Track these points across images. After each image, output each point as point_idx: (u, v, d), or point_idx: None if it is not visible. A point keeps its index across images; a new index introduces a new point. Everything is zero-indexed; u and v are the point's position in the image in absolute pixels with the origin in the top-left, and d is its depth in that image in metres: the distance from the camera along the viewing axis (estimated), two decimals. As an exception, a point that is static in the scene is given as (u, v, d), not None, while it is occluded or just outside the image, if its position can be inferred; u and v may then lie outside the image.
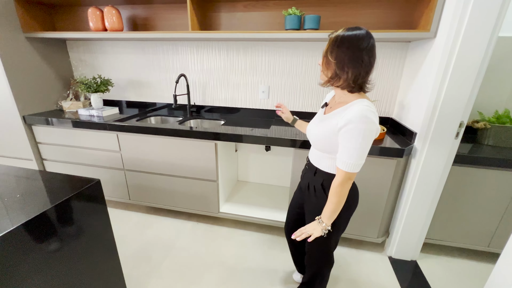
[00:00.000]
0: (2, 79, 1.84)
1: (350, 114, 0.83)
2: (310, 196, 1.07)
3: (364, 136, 0.82)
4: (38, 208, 0.80)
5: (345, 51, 0.82)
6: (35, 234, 0.77)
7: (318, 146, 1.00)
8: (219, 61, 2.00)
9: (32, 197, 0.86)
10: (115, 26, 1.79)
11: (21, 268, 0.74)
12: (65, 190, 0.91)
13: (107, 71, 2.25)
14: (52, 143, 2.02)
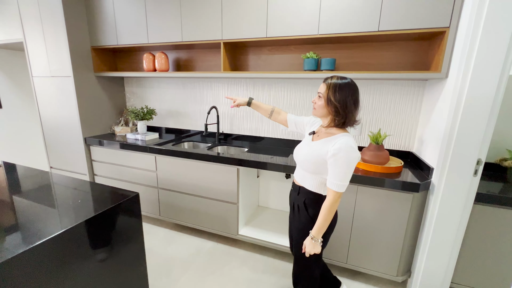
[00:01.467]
0: (74, 107, 2.31)
1: (340, 145, 1.01)
2: (295, 215, 1.24)
3: (349, 162, 1.01)
4: (95, 209, 1.01)
5: (346, 96, 1.03)
6: (90, 232, 0.98)
7: (305, 167, 1.15)
8: (246, 96, 2.25)
9: (89, 202, 1.10)
10: (163, 67, 2.18)
11: (70, 266, 0.93)
12: (113, 199, 1.13)
13: (152, 102, 2.66)
14: (103, 161, 2.39)
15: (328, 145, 1.06)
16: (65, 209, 1.05)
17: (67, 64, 2.22)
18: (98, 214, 1.01)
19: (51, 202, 1.11)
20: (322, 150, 1.07)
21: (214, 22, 1.86)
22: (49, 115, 2.49)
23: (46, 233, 0.86)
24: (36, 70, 2.40)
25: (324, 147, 1.07)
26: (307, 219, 1.17)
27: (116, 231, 1.11)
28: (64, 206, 1.07)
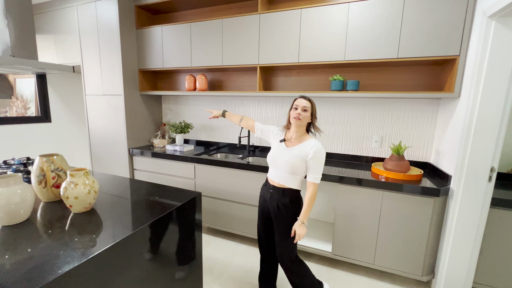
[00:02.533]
0: (122, 122, 2.62)
1: (317, 147, 1.32)
2: (281, 213, 1.42)
3: (323, 160, 1.35)
4: (169, 205, 1.25)
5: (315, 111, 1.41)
6: (162, 226, 1.20)
7: (288, 170, 1.38)
8: (275, 112, 2.52)
9: (162, 199, 1.33)
10: (203, 87, 2.49)
11: (138, 257, 1.15)
12: (181, 197, 1.36)
13: (187, 117, 2.95)
14: (144, 170, 2.65)
15: (306, 148, 1.33)
16: (148, 205, 1.28)
17: (119, 84, 2.55)
18: (175, 208, 1.24)
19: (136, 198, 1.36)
20: (302, 153, 1.34)
21: (252, 50, 2.17)
22: (97, 128, 2.81)
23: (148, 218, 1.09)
24: (90, 89, 2.75)
25: (304, 151, 1.33)
26: (292, 213, 1.40)
27: (183, 227, 1.33)
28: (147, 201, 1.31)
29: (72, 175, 1.10)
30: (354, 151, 2.30)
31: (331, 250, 1.97)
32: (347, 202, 1.86)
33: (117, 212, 1.18)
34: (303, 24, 1.97)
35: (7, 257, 0.83)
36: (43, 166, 1.20)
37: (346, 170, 1.99)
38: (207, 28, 2.31)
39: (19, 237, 0.95)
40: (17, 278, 0.73)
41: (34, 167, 1.20)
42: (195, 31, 2.37)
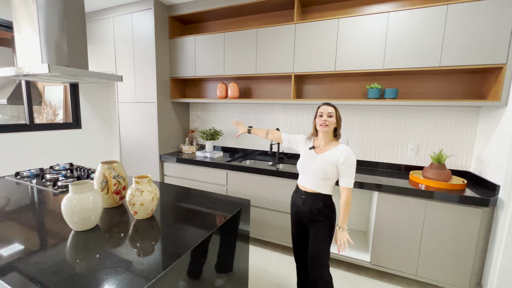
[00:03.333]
0: (154, 128, 2.68)
1: (346, 152, 1.35)
2: (315, 217, 1.43)
3: (355, 164, 1.36)
4: (229, 212, 1.26)
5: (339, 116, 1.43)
6: (222, 232, 1.22)
7: (319, 176, 1.40)
8: (304, 119, 2.53)
9: (219, 206, 1.35)
10: (235, 95, 2.53)
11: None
12: (234, 206, 1.37)
13: (215, 124, 2.99)
14: (174, 175, 2.69)
15: (337, 153, 1.36)
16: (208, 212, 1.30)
17: (152, 92, 2.62)
18: (232, 215, 1.25)
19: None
20: (333, 159, 1.36)
21: (287, 58, 2.20)
22: (128, 134, 2.88)
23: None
24: (122, 96, 2.83)
25: (334, 156, 1.36)
26: (326, 217, 1.42)
27: (232, 235, 1.34)
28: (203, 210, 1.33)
29: (137, 182, 1.13)
30: (387, 159, 2.28)
31: (370, 260, 1.94)
32: (387, 211, 1.84)
33: (175, 219, 1.20)
34: (341, 33, 1.99)
35: (78, 261, 0.86)
36: (105, 173, 1.23)
37: (382, 179, 1.97)
38: (240, 37, 2.36)
39: (89, 242, 0.97)
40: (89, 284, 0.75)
41: (97, 174, 1.24)
42: (228, 40, 2.42)
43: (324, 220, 1.42)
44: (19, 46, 1.58)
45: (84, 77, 1.56)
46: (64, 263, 0.84)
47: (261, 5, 2.33)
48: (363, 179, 1.94)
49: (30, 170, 1.82)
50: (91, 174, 1.79)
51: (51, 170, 1.78)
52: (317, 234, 1.44)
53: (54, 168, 1.96)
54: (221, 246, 1.18)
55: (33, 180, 1.71)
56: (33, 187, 1.57)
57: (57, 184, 1.55)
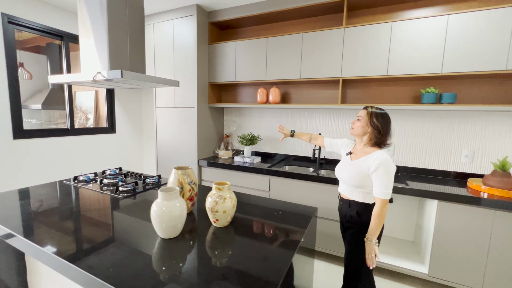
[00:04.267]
0: (193, 133, 2.68)
1: (379, 159, 1.24)
2: (349, 224, 1.41)
3: (390, 173, 1.23)
4: (299, 225, 1.22)
5: (385, 122, 1.31)
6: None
7: (351, 183, 1.35)
8: (348, 125, 2.48)
9: (287, 214, 1.31)
10: (276, 99, 2.51)
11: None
12: (304, 215, 1.33)
13: (250, 129, 2.97)
14: (212, 180, 2.67)
15: (368, 161, 1.28)
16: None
17: (193, 97, 2.63)
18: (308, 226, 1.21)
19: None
20: (363, 166, 1.29)
21: (334, 62, 2.17)
22: (165, 139, 2.89)
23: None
24: (161, 101, 2.86)
25: (365, 164, 1.29)
26: (358, 225, 1.35)
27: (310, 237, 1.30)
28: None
29: (219, 189, 1.11)
30: (438, 165, 2.19)
31: (428, 272, 1.85)
32: (449, 221, 1.75)
33: (248, 228, 1.17)
34: (394, 37, 1.95)
35: (164, 268, 0.84)
36: (181, 179, 1.22)
37: (438, 187, 1.89)
38: (284, 42, 2.35)
39: (174, 250, 0.95)
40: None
41: (172, 180, 1.23)
42: (271, 45, 2.42)
43: (357, 228, 1.37)
44: (84, 52, 1.61)
45: (142, 82, 1.57)
46: (151, 271, 0.82)
47: (303, 10, 2.32)
48: (415, 186, 1.86)
49: (85, 174, 1.83)
50: (146, 179, 1.79)
51: (107, 176, 1.79)
52: (350, 241, 1.41)
53: (106, 172, 1.97)
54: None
55: (89, 184, 1.72)
56: (97, 192, 1.57)
57: (118, 189, 1.55)
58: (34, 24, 2.49)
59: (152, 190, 1.66)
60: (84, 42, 1.59)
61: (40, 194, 1.53)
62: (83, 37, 1.59)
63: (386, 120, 1.32)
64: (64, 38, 2.77)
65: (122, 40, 1.58)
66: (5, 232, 1.09)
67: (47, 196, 1.50)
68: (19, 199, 1.44)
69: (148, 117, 3.73)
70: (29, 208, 1.32)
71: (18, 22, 2.38)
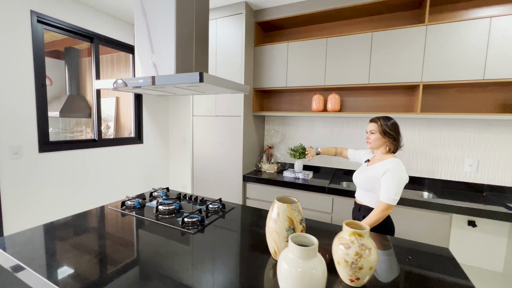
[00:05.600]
0: (238, 145, 2.38)
1: (389, 164, 1.31)
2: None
3: (398, 180, 1.28)
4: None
5: (395, 128, 1.39)
6: None
7: (363, 187, 1.43)
8: (417, 135, 2.17)
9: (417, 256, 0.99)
10: (335, 107, 2.21)
11: None
12: (444, 253, 1.02)
13: (296, 140, 2.67)
14: (257, 199, 2.36)
15: (380, 167, 1.35)
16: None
17: (239, 104, 2.34)
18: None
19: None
20: (375, 171, 1.37)
21: (413, 65, 1.88)
22: (203, 151, 2.59)
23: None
24: (199, 109, 2.57)
25: (376, 169, 1.36)
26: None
27: None
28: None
29: (360, 235, 0.80)
30: (535, 184, 1.87)
31: (548, 318, 1.51)
32: None
33: (395, 286, 0.85)
34: (493, 35, 1.66)
35: None
36: (291, 216, 0.91)
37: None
38: (349, 43, 2.07)
39: None
40: None
41: (275, 216, 0.92)
42: (332, 46, 2.14)
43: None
44: (142, 53, 1.33)
45: (212, 88, 1.28)
46: None
47: (368, 8, 2.05)
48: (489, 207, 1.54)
49: (133, 198, 1.53)
50: (209, 205, 1.48)
51: (162, 201, 1.48)
52: None
53: (153, 195, 1.67)
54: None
55: (141, 211, 1.42)
56: (156, 224, 1.26)
57: (184, 221, 1.25)
58: (63, 23, 2.23)
59: (221, 219, 1.35)
60: (141, 41, 1.32)
61: (86, 227, 1.23)
62: (141, 35, 1.31)
63: (396, 126, 1.40)
64: (94, 40, 2.51)
65: (189, 40, 1.30)
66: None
67: (95, 232, 1.19)
68: (58, 237, 1.14)
69: (175, 126, 3.45)
70: (77, 253, 1.01)
71: (47, 21, 2.11)
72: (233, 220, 1.36)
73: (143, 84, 1.12)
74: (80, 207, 2.46)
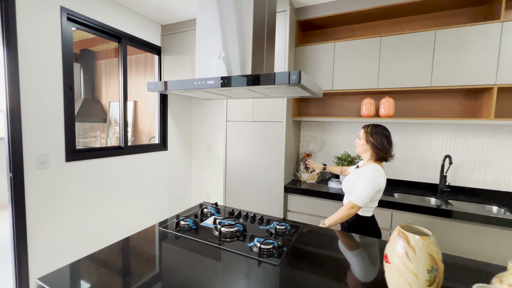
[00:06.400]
0: (279, 153, 2.19)
1: (367, 168, 1.37)
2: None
3: (369, 182, 1.32)
4: None
5: (379, 137, 1.39)
6: None
7: (346, 190, 1.49)
8: (479, 143, 1.98)
9: None
10: (389, 112, 2.03)
11: None
12: None
13: (336, 147, 2.48)
14: (299, 211, 2.16)
15: (360, 171, 1.41)
16: None
17: (281, 109, 2.16)
18: None
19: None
20: (355, 176, 1.41)
21: (485, 65, 1.70)
22: (237, 158, 2.40)
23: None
24: (234, 114, 2.38)
25: (357, 174, 1.41)
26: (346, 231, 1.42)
27: None
28: None
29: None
30: None
31: None
32: None
33: None
34: None
35: None
36: (432, 253, 0.71)
37: None
38: (406, 42, 1.89)
39: None
40: None
41: (403, 251, 0.72)
42: (386, 46, 1.96)
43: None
44: (208, 50, 1.15)
45: (282, 90, 1.10)
46: None
47: (429, 4, 1.88)
48: None
49: (186, 217, 1.33)
50: (271, 223, 1.28)
51: (222, 223, 1.28)
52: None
53: (204, 211, 1.47)
54: None
55: (198, 234, 1.22)
56: (224, 252, 1.06)
57: (261, 248, 1.05)
58: (93, 21, 2.06)
59: (298, 244, 1.15)
60: (206, 40, 1.14)
61: (141, 257, 1.03)
62: (208, 33, 1.14)
63: (381, 135, 1.39)
64: (122, 40, 2.34)
65: (261, 39, 1.13)
66: None
67: (153, 265, 0.99)
68: (110, 276, 0.94)
69: (199, 132, 3.27)
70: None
71: (77, 19, 1.94)
72: (314, 245, 1.16)
73: (237, 85, 0.94)
74: (110, 221, 2.27)
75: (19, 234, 1.69)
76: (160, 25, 2.72)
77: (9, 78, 1.60)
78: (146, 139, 3.53)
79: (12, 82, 1.60)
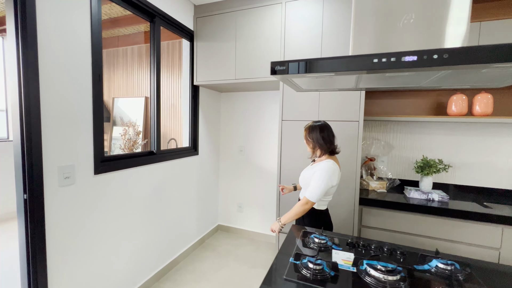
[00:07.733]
0: (352, 156, 1.84)
1: (321, 165, 1.38)
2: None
3: (322, 178, 1.35)
4: None
5: (314, 134, 1.43)
6: None
7: (302, 185, 1.51)
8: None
9: None
10: (487, 110, 1.74)
11: None
12: None
13: (403, 150, 2.18)
14: (377, 227, 1.84)
15: (315, 166, 1.42)
16: None
17: (354, 107, 1.82)
18: None
19: None
20: (311, 171, 1.43)
21: None
22: (293, 164, 2.02)
23: None
24: (291, 112, 2.00)
25: (313, 169, 1.42)
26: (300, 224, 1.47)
27: None
28: None
29: None
30: None
31: None
32: None
33: None
34: None
35: None
36: None
37: None
38: (501, 28, 1.62)
39: None
40: None
41: None
42: (484, 32, 1.67)
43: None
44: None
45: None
46: None
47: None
48: None
49: (312, 257, 0.94)
50: (428, 260, 0.93)
51: (370, 262, 0.90)
52: None
53: (320, 244, 1.09)
54: None
55: (332, 280, 0.84)
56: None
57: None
58: (124, -9, 1.59)
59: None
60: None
61: None
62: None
63: (315, 131, 1.42)
64: (156, 20, 1.87)
65: None
66: None
67: None
68: None
69: (227, 133, 2.85)
70: None
71: (108, -14, 1.47)
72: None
73: (477, 62, 0.57)
74: (150, 244, 1.81)
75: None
76: (193, 5, 2.26)
77: (24, 62, 1.11)
78: (166, 143, 3.04)
79: (28, 69, 1.12)
